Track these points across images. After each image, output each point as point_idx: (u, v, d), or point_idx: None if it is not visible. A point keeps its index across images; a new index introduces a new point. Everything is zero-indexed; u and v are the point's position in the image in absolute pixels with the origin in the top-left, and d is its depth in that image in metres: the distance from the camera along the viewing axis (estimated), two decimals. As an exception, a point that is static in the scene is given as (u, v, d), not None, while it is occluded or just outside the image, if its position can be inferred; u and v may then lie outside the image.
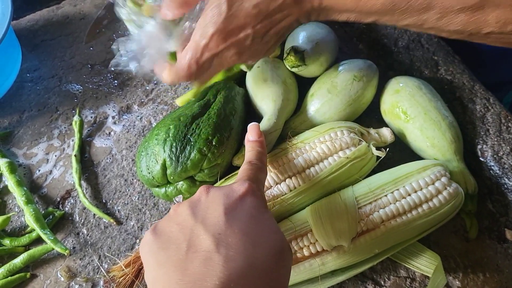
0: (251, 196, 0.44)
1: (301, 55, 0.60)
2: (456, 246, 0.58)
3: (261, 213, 0.43)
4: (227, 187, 0.45)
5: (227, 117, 0.61)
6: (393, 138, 0.60)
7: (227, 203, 0.42)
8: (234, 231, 0.40)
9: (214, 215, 0.41)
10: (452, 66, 0.69)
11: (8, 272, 0.59)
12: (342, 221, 0.52)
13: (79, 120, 0.71)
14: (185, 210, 0.42)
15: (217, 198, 0.43)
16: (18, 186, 0.64)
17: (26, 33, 0.84)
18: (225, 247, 0.38)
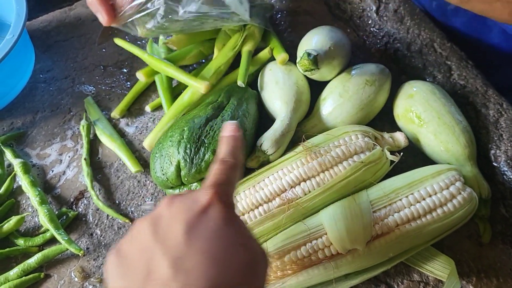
0: (216, 205, 0.40)
1: (315, 59, 0.61)
2: (470, 251, 0.58)
3: (227, 224, 0.39)
4: (190, 197, 0.41)
5: (240, 119, 0.61)
6: (407, 143, 0.60)
7: (189, 219, 0.38)
8: (195, 252, 0.36)
9: (175, 235, 0.38)
10: (465, 71, 0.70)
11: (22, 272, 0.60)
12: (357, 225, 0.53)
13: (87, 124, 0.71)
14: (146, 228, 0.39)
15: (179, 213, 0.39)
16: (32, 187, 0.65)
17: (39, 34, 0.85)
18: (184, 273, 0.35)
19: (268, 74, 0.67)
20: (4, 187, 0.66)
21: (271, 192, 0.56)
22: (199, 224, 0.38)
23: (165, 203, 0.41)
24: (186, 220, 0.38)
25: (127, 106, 0.74)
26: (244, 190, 0.57)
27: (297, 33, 0.80)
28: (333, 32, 0.66)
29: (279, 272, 0.54)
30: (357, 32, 0.79)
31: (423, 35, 0.74)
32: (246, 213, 0.56)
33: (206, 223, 0.38)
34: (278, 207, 0.56)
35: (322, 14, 0.83)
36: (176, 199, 0.41)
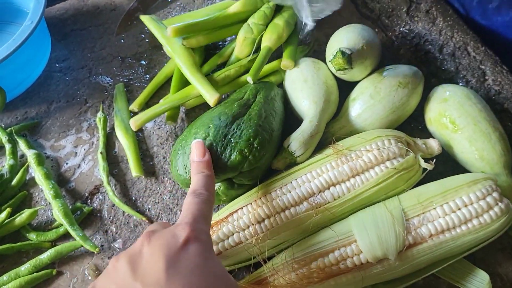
0: (194, 242, 0.41)
1: (349, 57, 0.58)
2: (503, 265, 0.56)
3: (206, 260, 0.41)
4: (169, 233, 0.42)
5: (267, 118, 0.59)
6: (440, 150, 0.58)
7: (168, 255, 0.39)
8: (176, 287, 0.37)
9: (155, 271, 0.38)
10: (500, 77, 0.67)
11: (34, 267, 0.58)
12: (389, 233, 0.51)
13: (103, 117, 0.69)
14: (124, 265, 0.39)
15: (158, 249, 0.40)
16: (46, 179, 0.63)
17: (55, 22, 0.83)
18: None
19: (295, 71, 0.65)
20: (17, 179, 0.64)
21: (299, 195, 0.54)
22: (178, 261, 0.39)
23: (143, 241, 0.41)
24: (166, 256, 0.39)
25: (146, 99, 0.72)
26: (271, 191, 0.55)
27: (323, 31, 0.78)
28: (364, 30, 0.64)
29: (305, 279, 0.51)
30: (386, 32, 0.77)
31: (456, 37, 0.72)
32: (272, 216, 0.54)
33: (185, 259, 0.39)
34: (305, 211, 0.53)
35: (349, 12, 0.80)
36: (154, 236, 0.41)
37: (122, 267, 0.39)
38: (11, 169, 0.65)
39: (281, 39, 0.70)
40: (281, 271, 0.52)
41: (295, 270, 0.52)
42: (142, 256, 0.39)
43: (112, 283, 0.39)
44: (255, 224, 0.54)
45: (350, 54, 0.59)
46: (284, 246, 0.55)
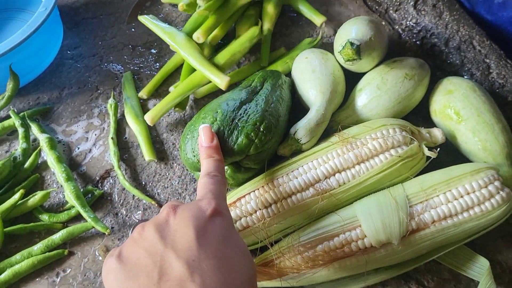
0: (220, 215, 0.42)
1: (358, 48, 0.60)
2: (503, 252, 0.57)
3: (231, 234, 0.42)
4: (194, 206, 0.43)
5: (274, 104, 0.60)
6: (444, 139, 0.59)
7: (198, 226, 0.40)
8: (208, 256, 0.38)
9: (185, 239, 0.39)
10: (504, 70, 0.69)
11: (46, 247, 0.60)
12: (392, 219, 0.52)
13: (114, 103, 0.71)
14: (152, 233, 0.40)
15: (186, 219, 0.41)
16: (58, 163, 0.65)
17: (67, 10, 0.84)
18: (200, 274, 0.37)
19: (304, 62, 0.66)
20: (29, 162, 0.66)
21: (305, 181, 0.56)
22: (207, 231, 0.40)
23: (169, 211, 0.42)
24: (195, 226, 0.40)
25: (155, 87, 0.73)
26: (277, 177, 0.57)
27: (331, 23, 0.79)
28: (372, 22, 0.65)
29: (310, 262, 0.53)
30: (393, 25, 0.78)
31: (462, 31, 0.73)
32: (278, 201, 0.55)
33: (213, 230, 0.41)
34: (311, 197, 0.55)
35: (357, 6, 0.82)
36: (179, 208, 0.42)
37: (150, 235, 0.40)
38: (24, 152, 0.67)
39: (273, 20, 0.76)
40: (287, 254, 0.54)
41: (301, 253, 0.53)
42: (169, 226, 0.40)
43: (141, 249, 0.39)
44: (262, 209, 0.56)
45: (359, 45, 0.60)
46: (290, 230, 0.56)
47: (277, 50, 0.76)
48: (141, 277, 0.38)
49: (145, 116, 0.66)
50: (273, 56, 0.75)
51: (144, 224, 0.42)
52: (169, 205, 0.43)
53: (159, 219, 0.42)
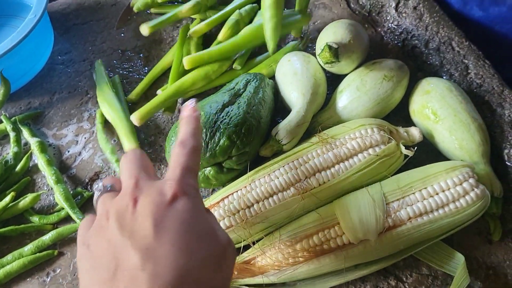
0: (182, 198, 0.40)
1: (336, 51, 0.62)
2: (479, 248, 0.59)
3: (194, 216, 0.40)
4: (156, 190, 0.41)
5: (256, 106, 0.62)
6: (421, 138, 0.61)
7: (156, 212, 0.39)
8: (164, 243, 0.37)
9: (142, 228, 0.38)
10: (482, 70, 0.70)
11: (37, 248, 0.61)
12: (370, 216, 0.54)
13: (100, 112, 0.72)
14: (113, 223, 0.39)
15: (146, 207, 0.39)
16: (48, 165, 0.66)
17: (58, 16, 0.86)
18: (153, 262, 0.36)
19: (287, 64, 0.68)
20: (21, 165, 0.68)
21: (286, 181, 0.57)
22: (166, 218, 0.39)
23: (129, 199, 0.40)
24: (153, 214, 0.39)
25: (143, 90, 0.75)
26: (259, 178, 0.58)
27: (315, 26, 0.81)
28: (352, 26, 0.67)
29: (291, 259, 0.55)
30: (375, 27, 0.80)
31: (442, 33, 0.75)
32: (260, 201, 0.57)
33: (173, 216, 0.39)
34: (292, 196, 0.57)
35: (340, 8, 0.83)
36: (142, 194, 0.41)
37: (112, 224, 0.39)
38: (15, 156, 0.68)
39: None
40: (268, 251, 0.55)
41: (282, 251, 0.55)
42: (129, 215, 0.39)
43: (103, 238, 0.39)
44: (245, 209, 0.57)
45: (337, 48, 0.62)
46: (272, 229, 0.58)
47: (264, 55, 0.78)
48: (102, 268, 0.38)
49: (131, 116, 0.67)
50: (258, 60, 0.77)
51: (108, 212, 0.41)
52: (132, 189, 0.41)
53: (120, 208, 0.40)
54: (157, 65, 0.77)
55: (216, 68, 0.73)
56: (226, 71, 0.75)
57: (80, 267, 0.41)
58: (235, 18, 0.75)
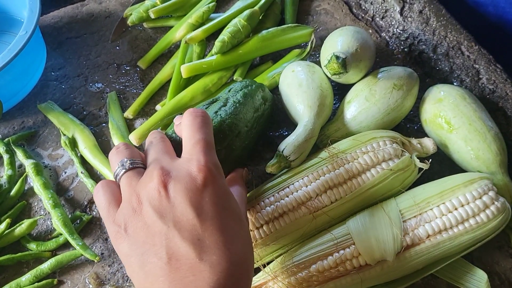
0: (212, 178, 0.42)
1: (343, 62, 0.59)
2: (500, 263, 0.57)
3: (227, 199, 0.43)
4: (184, 173, 0.42)
5: (235, 110, 0.57)
6: (435, 149, 0.58)
7: (194, 199, 0.40)
8: (212, 231, 0.40)
9: (186, 218, 0.40)
10: (494, 75, 0.68)
11: (35, 278, 0.58)
12: (386, 235, 0.51)
13: (68, 140, 0.68)
14: (149, 209, 0.40)
15: (180, 193, 0.40)
16: (45, 189, 0.63)
17: (50, 30, 0.83)
18: (207, 252, 0.38)
19: (290, 76, 0.65)
20: (16, 189, 0.65)
21: (296, 200, 0.54)
22: (204, 203, 0.41)
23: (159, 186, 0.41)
24: (192, 201, 0.40)
25: (141, 106, 0.72)
26: (267, 197, 0.56)
27: (317, 34, 0.78)
28: (358, 33, 0.64)
29: (305, 283, 0.52)
30: (380, 33, 0.77)
31: (450, 37, 0.72)
32: (270, 222, 0.54)
33: (210, 200, 0.41)
34: (303, 216, 0.54)
35: (343, 14, 0.81)
36: (171, 181, 0.41)
37: (149, 212, 0.40)
38: (10, 179, 0.65)
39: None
40: (280, 275, 0.52)
41: (294, 274, 0.52)
42: (165, 202, 0.40)
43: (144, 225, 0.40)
44: (254, 230, 0.54)
45: (345, 58, 0.59)
46: (283, 250, 0.55)
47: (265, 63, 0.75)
48: (151, 255, 0.39)
49: (129, 136, 0.65)
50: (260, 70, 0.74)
51: (139, 194, 0.41)
52: (159, 173, 0.42)
53: (152, 191, 0.41)
54: (154, 79, 0.74)
55: (216, 80, 0.70)
56: (226, 83, 0.72)
57: (120, 250, 0.41)
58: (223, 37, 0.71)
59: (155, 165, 0.43)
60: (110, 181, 0.46)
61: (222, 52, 0.70)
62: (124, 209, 0.42)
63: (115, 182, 0.46)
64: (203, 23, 0.76)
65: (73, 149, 0.68)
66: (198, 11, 0.75)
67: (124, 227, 0.41)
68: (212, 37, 0.73)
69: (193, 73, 0.69)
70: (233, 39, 0.70)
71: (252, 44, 0.71)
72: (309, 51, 0.73)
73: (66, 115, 0.71)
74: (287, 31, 0.73)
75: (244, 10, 0.74)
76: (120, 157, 0.46)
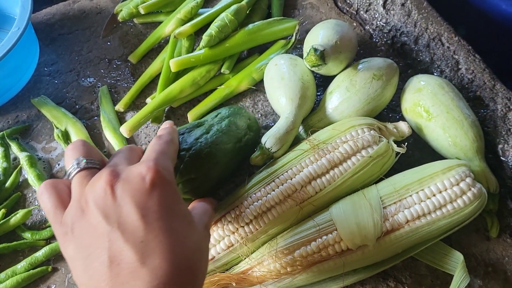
0: (161, 182, 0.39)
1: (321, 54, 0.59)
2: (477, 245, 0.57)
3: (175, 202, 0.40)
4: (133, 175, 0.39)
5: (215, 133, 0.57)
6: (410, 131, 0.59)
7: (140, 201, 0.37)
8: (156, 234, 0.36)
9: (130, 219, 0.37)
10: (473, 65, 0.68)
11: (30, 265, 0.59)
12: (367, 221, 0.51)
13: (61, 132, 0.68)
14: (95, 210, 0.37)
15: (127, 193, 0.37)
16: (39, 180, 0.64)
17: (43, 26, 0.83)
18: (150, 256, 0.36)
19: (273, 69, 0.65)
20: (10, 181, 0.65)
21: (282, 193, 0.54)
22: (150, 203, 0.37)
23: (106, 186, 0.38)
24: (138, 203, 0.37)
25: (132, 99, 0.72)
26: (255, 192, 0.56)
27: (303, 27, 0.79)
28: (339, 26, 0.64)
29: (289, 268, 0.52)
30: (364, 26, 0.78)
31: (431, 29, 0.73)
32: (258, 216, 0.54)
33: (157, 202, 0.38)
34: (290, 208, 0.54)
35: (328, 8, 0.81)
36: (119, 181, 0.38)
37: (94, 214, 0.37)
38: (5, 171, 0.65)
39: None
40: (265, 261, 0.53)
41: (280, 259, 0.52)
42: (110, 201, 0.37)
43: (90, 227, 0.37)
44: (244, 226, 0.54)
45: (323, 50, 0.59)
46: (269, 238, 0.55)
47: (252, 56, 0.76)
48: (93, 258, 0.36)
49: (120, 128, 0.65)
50: (247, 62, 0.74)
51: (86, 194, 0.38)
52: (108, 174, 0.39)
53: (99, 191, 0.38)
54: (145, 73, 0.74)
55: (204, 73, 0.70)
56: (214, 76, 0.73)
57: (67, 253, 0.39)
58: (211, 31, 0.70)
59: (108, 167, 0.40)
60: (56, 180, 0.42)
61: (209, 46, 0.70)
62: (72, 209, 0.39)
63: (62, 181, 0.42)
64: (192, 18, 0.75)
65: (66, 141, 0.68)
66: (187, 7, 0.76)
67: (71, 228, 0.38)
68: (201, 32, 0.73)
69: (182, 67, 0.69)
70: (220, 33, 0.70)
71: (239, 38, 0.71)
72: (294, 42, 0.74)
73: (59, 109, 0.71)
74: (272, 24, 0.73)
75: (231, 5, 0.74)
76: (76, 155, 0.43)
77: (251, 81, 0.71)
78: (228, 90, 0.71)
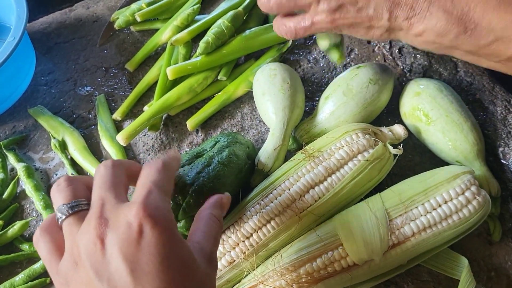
0: (152, 226, 0.35)
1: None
2: (479, 249, 0.55)
3: (170, 247, 0.35)
4: (121, 221, 0.35)
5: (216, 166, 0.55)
6: (406, 134, 0.56)
7: (129, 253, 0.34)
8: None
9: (119, 274, 0.34)
10: (471, 68, 0.66)
11: (28, 277, 0.56)
12: (374, 235, 0.49)
13: (58, 142, 0.66)
14: (87, 265, 0.35)
15: (115, 246, 0.34)
16: (36, 191, 0.62)
17: (39, 36, 0.81)
18: None
19: (256, 85, 0.63)
20: (8, 192, 0.63)
21: (281, 204, 0.52)
22: (140, 255, 0.34)
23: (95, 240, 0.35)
24: (125, 256, 0.34)
25: (129, 108, 0.70)
26: (253, 205, 0.53)
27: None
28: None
29: (295, 285, 0.48)
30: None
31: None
32: (258, 230, 0.51)
33: (147, 253, 0.34)
34: (290, 218, 0.51)
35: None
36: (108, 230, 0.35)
37: (87, 267, 0.35)
38: (2, 182, 0.63)
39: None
40: (270, 278, 0.50)
41: (284, 276, 0.49)
42: (99, 256, 0.35)
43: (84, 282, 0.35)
44: (244, 240, 0.52)
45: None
46: (272, 252, 0.53)
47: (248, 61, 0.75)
48: None
49: (116, 136, 0.62)
50: (243, 68, 0.72)
51: (78, 246, 0.36)
52: (96, 221, 0.36)
53: (89, 243, 0.35)
54: (142, 81, 0.73)
55: (201, 80, 0.67)
56: (211, 83, 0.72)
57: None
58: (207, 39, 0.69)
59: (95, 209, 0.37)
60: (50, 226, 0.39)
61: (206, 53, 0.68)
62: (66, 261, 0.37)
63: (57, 226, 0.39)
64: (189, 25, 0.72)
65: (63, 151, 0.66)
66: (183, 14, 0.74)
67: (66, 281, 0.36)
68: (198, 38, 0.69)
69: (179, 74, 0.66)
70: (217, 40, 0.69)
71: (235, 44, 0.69)
72: (289, 46, 0.74)
73: (56, 118, 0.69)
74: (269, 29, 0.71)
75: (228, 11, 0.71)
76: (61, 200, 0.39)
77: (248, 85, 0.69)
78: (225, 95, 0.68)
